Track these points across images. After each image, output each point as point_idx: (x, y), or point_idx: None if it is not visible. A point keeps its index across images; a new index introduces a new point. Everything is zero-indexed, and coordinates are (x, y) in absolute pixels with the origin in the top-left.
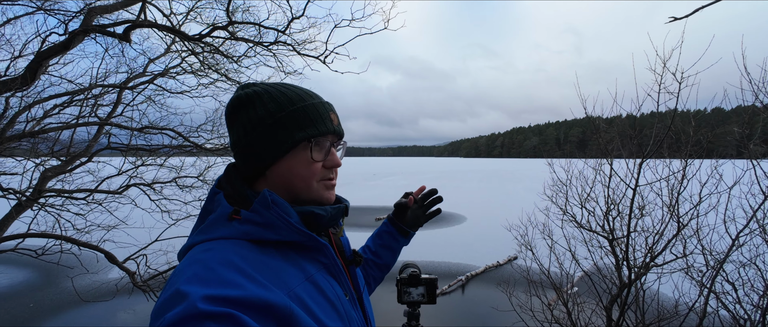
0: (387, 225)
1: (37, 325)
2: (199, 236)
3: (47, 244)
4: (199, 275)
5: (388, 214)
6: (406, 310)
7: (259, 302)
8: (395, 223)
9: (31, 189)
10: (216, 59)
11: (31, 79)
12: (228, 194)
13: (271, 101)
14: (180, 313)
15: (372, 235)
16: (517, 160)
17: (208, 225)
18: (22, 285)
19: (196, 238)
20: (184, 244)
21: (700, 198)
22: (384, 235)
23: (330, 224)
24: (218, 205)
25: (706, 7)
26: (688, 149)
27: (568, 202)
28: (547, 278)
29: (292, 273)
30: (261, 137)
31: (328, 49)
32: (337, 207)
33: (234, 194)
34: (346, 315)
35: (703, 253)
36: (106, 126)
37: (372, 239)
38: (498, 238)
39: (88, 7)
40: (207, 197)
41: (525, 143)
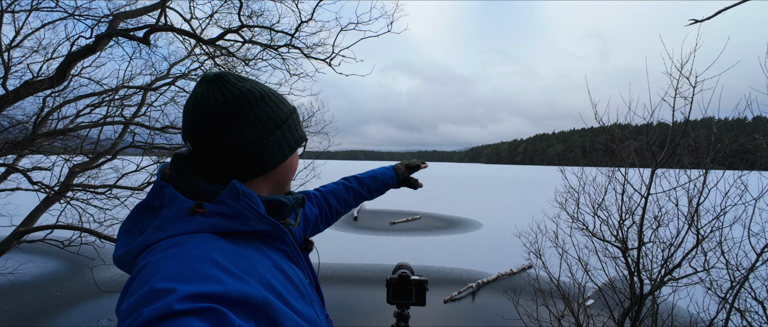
0: (393, 179)
1: (63, 311)
2: (158, 233)
3: (73, 235)
4: (177, 271)
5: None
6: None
7: (239, 296)
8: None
9: (59, 184)
10: (231, 62)
11: (59, 80)
12: (180, 187)
13: (279, 100)
14: (159, 310)
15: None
16: (540, 168)
17: (166, 221)
18: (50, 274)
19: (154, 236)
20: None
21: (722, 209)
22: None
23: (290, 213)
24: (172, 200)
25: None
26: (709, 158)
27: (578, 209)
28: (556, 288)
29: (261, 261)
30: (284, 134)
31: (334, 52)
32: (296, 197)
33: (189, 188)
34: (308, 297)
35: (727, 267)
36: (130, 125)
37: (370, 180)
38: (513, 246)
39: (113, 12)
40: (150, 192)
41: (548, 150)
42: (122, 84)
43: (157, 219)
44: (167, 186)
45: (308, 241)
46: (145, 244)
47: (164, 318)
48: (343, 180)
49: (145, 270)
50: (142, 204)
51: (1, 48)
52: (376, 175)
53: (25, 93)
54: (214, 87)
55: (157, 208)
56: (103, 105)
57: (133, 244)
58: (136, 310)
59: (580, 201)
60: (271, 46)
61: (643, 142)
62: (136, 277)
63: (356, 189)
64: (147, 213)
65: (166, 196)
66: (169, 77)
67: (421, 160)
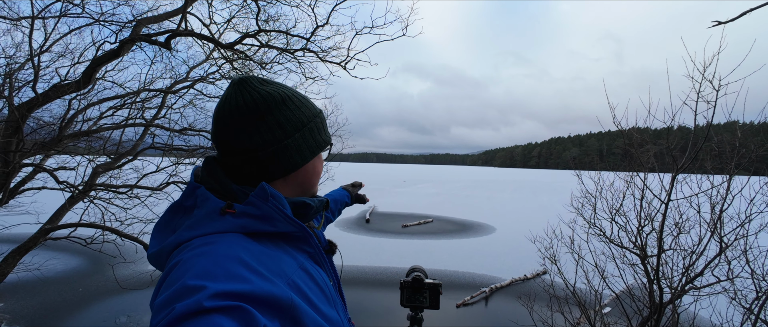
0: (348, 197)
1: (84, 307)
2: (190, 232)
3: (95, 233)
4: (206, 269)
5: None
6: (410, 314)
7: (265, 296)
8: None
9: (83, 183)
10: (248, 65)
11: (85, 84)
12: (212, 188)
13: (301, 104)
14: (190, 306)
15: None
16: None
17: (197, 220)
18: (73, 271)
19: (186, 234)
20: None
21: (747, 216)
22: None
23: (315, 215)
24: (204, 200)
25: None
26: (733, 163)
27: (596, 215)
28: (572, 295)
29: (288, 261)
30: (304, 138)
31: (349, 56)
32: (321, 200)
33: (220, 189)
34: (332, 299)
35: (753, 277)
36: (150, 127)
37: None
38: (527, 251)
39: (136, 18)
40: (184, 192)
41: (564, 154)
42: (143, 87)
43: (190, 218)
44: (200, 187)
45: (332, 244)
46: (177, 242)
47: (194, 314)
48: None
49: (178, 267)
50: (176, 204)
51: (32, 53)
52: (334, 197)
53: (54, 96)
54: (238, 90)
55: (189, 208)
56: (125, 107)
57: (166, 242)
58: (168, 305)
59: (597, 206)
60: (288, 50)
61: (663, 146)
62: (170, 274)
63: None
64: (180, 213)
65: (199, 196)
66: (188, 80)
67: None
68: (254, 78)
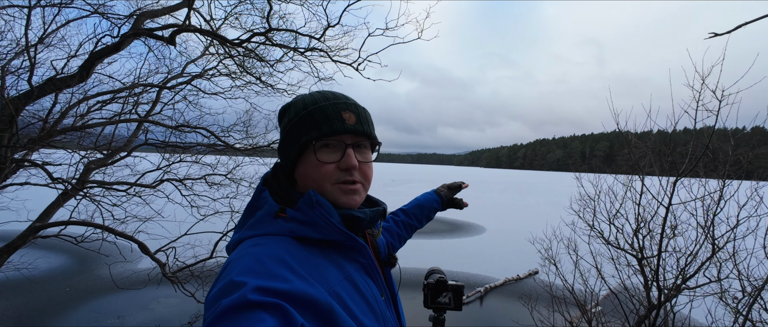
0: (438, 202)
1: (72, 308)
2: (248, 232)
3: (86, 232)
4: (251, 267)
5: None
6: (432, 315)
7: (304, 296)
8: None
9: (75, 179)
10: (252, 63)
11: (83, 77)
12: (274, 192)
13: (294, 108)
14: (235, 301)
15: (415, 204)
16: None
17: (256, 221)
18: (60, 270)
19: (246, 233)
20: (232, 237)
21: (737, 220)
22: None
23: (369, 226)
24: (265, 203)
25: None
26: (727, 169)
27: (595, 217)
28: (570, 294)
29: (333, 271)
30: (284, 143)
31: (361, 57)
32: (376, 210)
33: (280, 192)
34: (381, 315)
35: (740, 278)
36: (144, 123)
37: (417, 209)
38: (518, 251)
39: (138, 11)
40: (254, 194)
41: (548, 156)
42: (137, 82)
43: (253, 218)
44: (265, 190)
45: (392, 256)
46: (239, 239)
47: (239, 308)
48: (390, 215)
49: (229, 266)
50: (249, 204)
51: (28, 44)
52: (421, 203)
53: (49, 89)
54: None
55: (256, 208)
56: (118, 102)
57: (234, 237)
58: (216, 301)
59: (596, 209)
60: (297, 49)
61: (661, 151)
62: (222, 272)
63: (405, 221)
64: (251, 212)
65: (262, 199)
66: (185, 76)
67: (462, 182)
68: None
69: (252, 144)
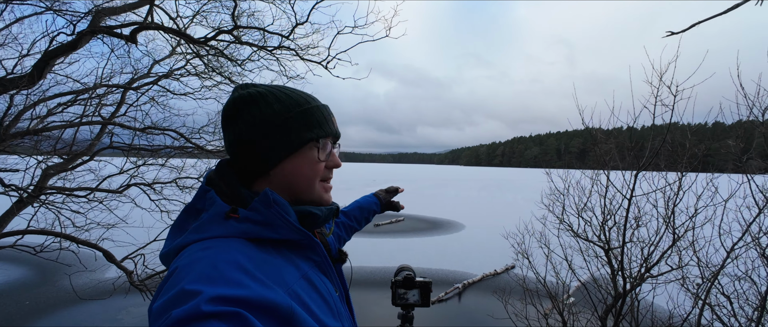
0: (377, 204)
1: (32, 321)
2: (194, 235)
3: (46, 241)
4: (205, 274)
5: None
6: (400, 313)
7: (264, 302)
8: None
9: (32, 186)
10: (220, 62)
11: (37, 78)
12: (221, 192)
13: (276, 102)
14: (187, 312)
15: (356, 205)
16: (518, 170)
17: (202, 224)
18: (18, 283)
19: (190, 237)
20: (170, 243)
21: (696, 210)
22: (370, 211)
23: (323, 224)
24: (211, 204)
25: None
26: (685, 162)
27: (564, 211)
28: (543, 287)
29: (289, 270)
30: (269, 136)
31: (330, 55)
32: (330, 208)
33: (229, 192)
34: (337, 311)
35: (699, 265)
36: (109, 125)
37: (357, 210)
38: (495, 246)
39: (96, 8)
40: (196, 195)
41: (526, 153)
42: (100, 82)
43: (197, 221)
44: (210, 190)
45: (342, 253)
46: (182, 244)
47: (191, 320)
48: None
49: (177, 272)
50: (189, 206)
51: None
52: (360, 204)
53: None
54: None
55: (200, 211)
56: (80, 104)
57: (174, 243)
58: (165, 311)
59: (565, 203)
60: (265, 47)
61: (625, 146)
62: (169, 279)
63: (346, 223)
64: (192, 214)
65: (208, 199)
66: (151, 76)
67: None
68: (257, 84)
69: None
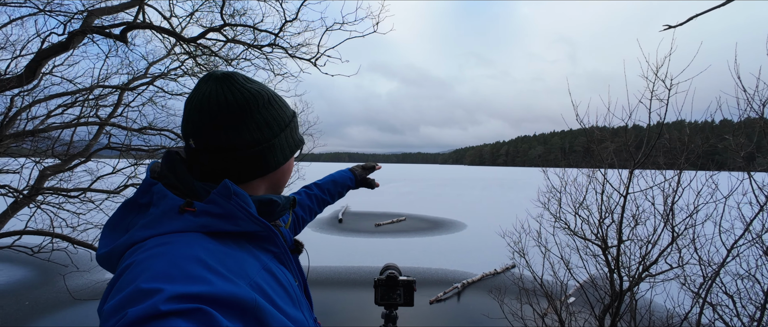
0: (351, 179)
1: (31, 321)
2: (146, 232)
3: (43, 241)
4: (163, 271)
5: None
6: (384, 312)
7: (228, 297)
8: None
9: (28, 187)
10: (213, 62)
11: (28, 78)
12: (170, 185)
13: (283, 104)
14: (145, 311)
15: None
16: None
17: (153, 219)
18: (18, 283)
19: (140, 234)
20: (113, 243)
21: (695, 207)
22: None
23: (281, 214)
24: (161, 198)
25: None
26: (683, 159)
27: (561, 209)
28: (540, 286)
29: (251, 262)
30: (286, 138)
31: (319, 52)
32: (288, 198)
33: (180, 186)
34: (297, 300)
35: (700, 263)
36: (106, 126)
37: (331, 184)
38: (496, 246)
39: (88, 9)
40: (139, 189)
41: (530, 152)
42: (97, 83)
43: (145, 217)
44: (157, 183)
45: (298, 243)
46: (130, 242)
47: (149, 319)
48: (303, 188)
49: (130, 269)
50: (130, 201)
51: None
52: (334, 178)
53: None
54: (223, 86)
55: (145, 205)
56: (77, 105)
57: (118, 242)
58: (120, 310)
59: (562, 201)
60: (255, 46)
61: (621, 143)
62: (121, 277)
63: (318, 195)
64: (134, 210)
65: (155, 193)
66: (148, 77)
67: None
68: (239, 74)
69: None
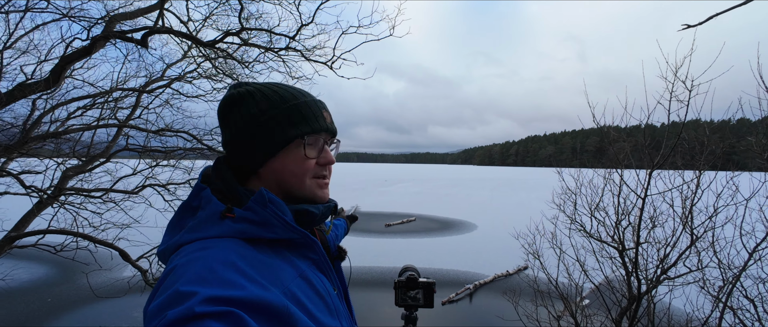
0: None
1: (54, 318)
2: (190, 235)
3: (66, 240)
4: (199, 275)
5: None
6: (404, 313)
7: (259, 302)
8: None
9: (52, 187)
10: (229, 64)
11: (54, 82)
12: (217, 190)
13: (263, 99)
14: (182, 313)
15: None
16: (532, 169)
17: (199, 223)
18: (40, 280)
19: (187, 237)
20: (167, 241)
21: (715, 209)
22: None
23: (320, 222)
24: (207, 203)
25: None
26: (703, 159)
27: (576, 211)
28: (554, 288)
29: (286, 270)
30: (254, 135)
31: (335, 55)
32: (327, 205)
33: (225, 191)
34: (334, 309)
35: (720, 266)
36: (124, 128)
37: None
38: (508, 247)
39: (110, 14)
40: (191, 192)
41: (540, 152)
42: (116, 86)
43: (193, 220)
44: (205, 188)
45: (341, 250)
46: (179, 243)
47: (186, 320)
48: None
49: (172, 273)
50: (184, 203)
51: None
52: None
53: (19, 95)
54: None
55: (195, 208)
56: (96, 107)
57: (171, 241)
58: (161, 312)
59: (577, 202)
60: (272, 49)
61: (638, 143)
62: (165, 280)
63: None
64: (188, 213)
65: (203, 198)
66: (164, 79)
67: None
68: (245, 81)
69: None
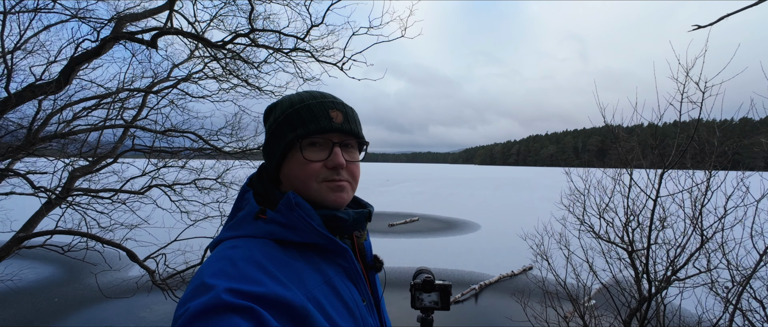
0: None
1: (61, 319)
2: (228, 232)
3: (73, 241)
4: (223, 270)
5: None
6: (420, 316)
7: (278, 299)
8: None
9: (60, 188)
10: (237, 65)
11: (64, 84)
12: (257, 193)
13: (279, 107)
14: (204, 303)
15: None
16: (533, 169)
17: (236, 222)
18: (47, 280)
19: (225, 234)
20: (215, 237)
21: (725, 210)
22: None
23: (353, 228)
24: (247, 204)
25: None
26: (713, 160)
27: (585, 212)
28: (563, 289)
29: (312, 275)
30: (268, 142)
31: (345, 56)
32: (360, 211)
33: (263, 193)
34: (362, 320)
35: (729, 268)
36: (131, 128)
37: None
38: (512, 247)
39: (118, 15)
40: (238, 194)
41: (541, 151)
42: (122, 86)
43: (234, 219)
44: (249, 191)
45: (378, 260)
46: (219, 239)
47: (208, 311)
48: None
49: (201, 268)
50: (234, 204)
51: (4, 51)
52: None
53: (28, 96)
54: None
55: (240, 209)
56: (103, 107)
57: (217, 236)
58: (185, 304)
59: (585, 203)
60: (281, 50)
61: (647, 144)
62: (196, 274)
63: None
64: (235, 213)
65: (245, 199)
66: (171, 79)
67: None
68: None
69: (241, 147)
